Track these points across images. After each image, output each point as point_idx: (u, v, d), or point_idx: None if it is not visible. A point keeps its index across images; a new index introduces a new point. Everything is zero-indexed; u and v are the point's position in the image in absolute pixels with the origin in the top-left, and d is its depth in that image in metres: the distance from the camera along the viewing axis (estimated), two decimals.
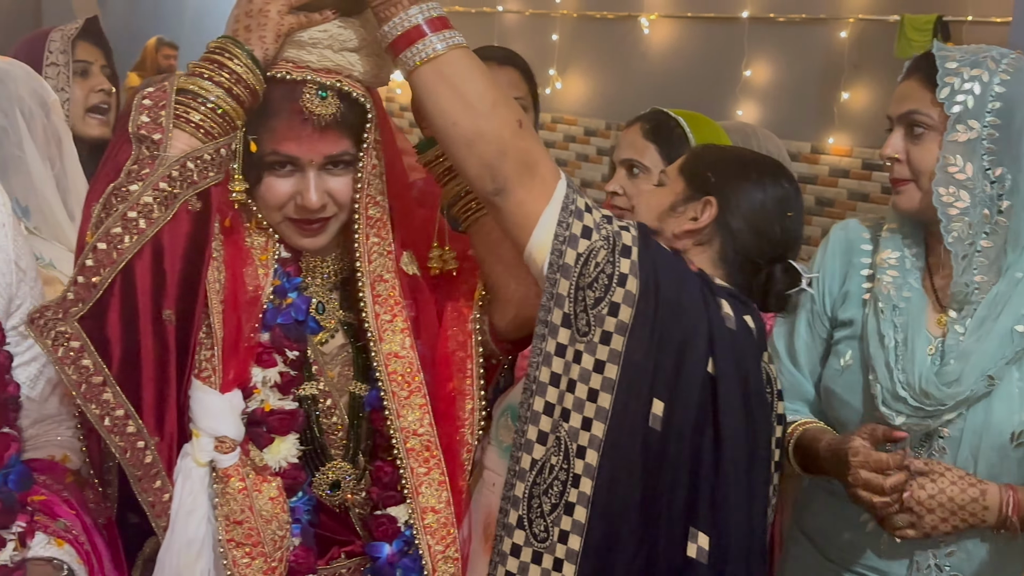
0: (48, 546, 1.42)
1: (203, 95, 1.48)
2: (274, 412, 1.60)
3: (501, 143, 1.48)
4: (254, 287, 1.60)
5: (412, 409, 1.66)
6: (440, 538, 1.66)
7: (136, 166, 1.44)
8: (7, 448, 1.39)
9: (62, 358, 1.38)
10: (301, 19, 1.53)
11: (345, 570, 1.74)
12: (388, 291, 1.67)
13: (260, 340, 1.61)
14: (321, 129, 1.56)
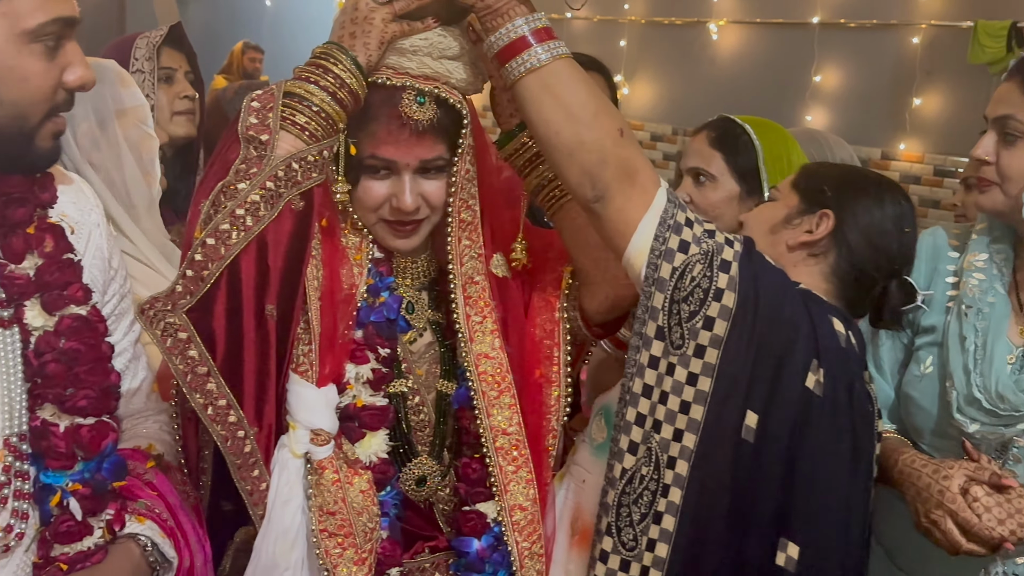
0: (131, 523, 1.45)
1: (308, 98, 1.50)
2: (366, 408, 1.62)
3: (602, 152, 1.48)
4: (350, 285, 1.62)
5: (502, 409, 1.67)
6: (527, 535, 1.67)
7: (244, 165, 1.46)
8: (105, 436, 1.41)
9: (170, 348, 1.40)
10: (404, 27, 1.55)
11: (428, 564, 1.76)
12: (479, 293, 1.69)
13: (354, 337, 1.63)
14: (418, 134, 1.57)
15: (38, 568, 1.37)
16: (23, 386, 1.37)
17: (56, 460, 1.37)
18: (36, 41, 1.23)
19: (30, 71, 1.23)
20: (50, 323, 1.37)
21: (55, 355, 1.36)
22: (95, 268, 1.49)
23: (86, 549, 1.38)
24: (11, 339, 1.37)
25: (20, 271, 1.35)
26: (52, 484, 1.37)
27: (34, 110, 1.26)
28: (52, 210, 1.42)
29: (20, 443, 1.36)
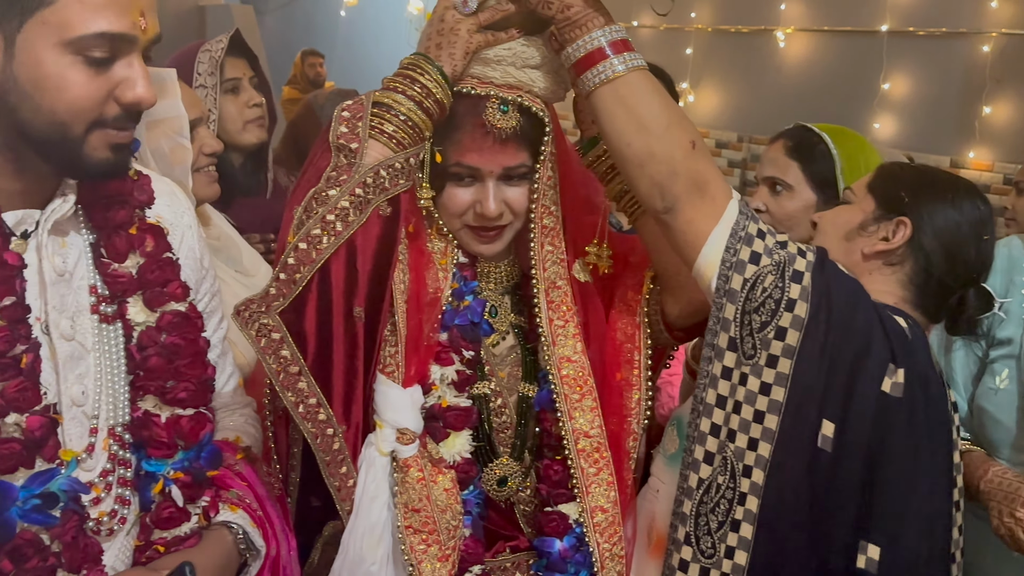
0: (224, 511, 1.48)
1: (396, 108, 1.53)
2: (450, 408, 1.64)
3: (672, 163, 1.48)
4: (435, 289, 1.64)
5: (583, 412, 1.68)
6: (608, 536, 1.68)
7: (335, 173, 1.49)
8: (203, 427, 1.44)
9: (264, 348, 1.44)
10: (488, 37, 1.56)
11: (509, 564, 1.76)
12: (561, 297, 1.69)
13: (439, 340, 1.65)
14: (502, 142, 1.59)
15: (139, 551, 1.40)
16: (126, 378, 1.41)
17: (158, 449, 1.40)
18: (78, 53, 1.22)
19: (69, 81, 1.22)
20: (151, 319, 1.41)
21: (157, 349, 1.40)
22: (188, 268, 1.52)
23: (183, 534, 1.42)
24: (115, 334, 1.40)
25: (123, 269, 1.39)
26: (154, 472, 1.41)
27: (75, 120, 1.24)
28: (149, 212, 1.46)
29: (123, 433, 1.40)
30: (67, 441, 1.34)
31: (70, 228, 1.38)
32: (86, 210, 1.39)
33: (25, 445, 1.25)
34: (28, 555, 1.25)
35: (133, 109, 1.26)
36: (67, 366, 1.35)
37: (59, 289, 1.35)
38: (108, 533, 1.37)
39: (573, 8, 1.50)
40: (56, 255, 1.35)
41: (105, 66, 1.23)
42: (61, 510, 1.28)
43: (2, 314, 1.25)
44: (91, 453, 1.37)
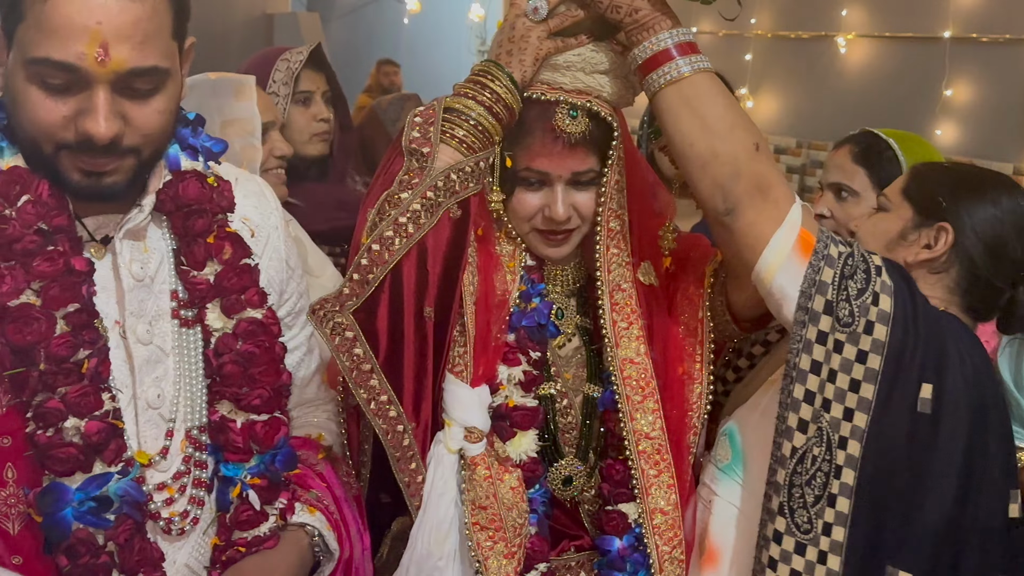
0: (302, 513, 1.49)
1: (467, 113, 1.55)
2: (517, 408, 1.65)
3: (735, 165, 1.47)
4: (503, 291, 1.65)
5: (645, 413, 1.68)
6: (668, 539, 1.67)
7: (407, 176, 1.52)
8: (277, 431, 1.46)
9: (338, 346, 1.47)
10: (558, 43, 1.57)
11: (574, 562, 1.77)
12: (625, 300, 1.69)
13: (506, 340, 1.67)
14: (571, 146, 1.60)
15: (220, 550, 1.43)
16: (203, 382, 1.43)
17: (234, 454, 1.42)
18: (35, 75, 1.21)
19: (31, 101, 1.22)
20: (228, 325, 1.42)
21: (232, 356, 1.41)
22: (272, 269, 1.54)
23: (262, 534, 1.44)
24: (194, 338, 1.43)
25: (202, 276, 1.41)
26: (232, 476, 1.42)
27: (43, 140, 1.24)
28: (233, 215, 1.47)
29: (200, 435, 1.42)
30: (142, 443, 1.37)
31: (153, 235, 1.41)
32: (168, 218, 1.41)
33: (82, 450, 1.27)
34: (81, 553, 1.27)
35: (85, 141, 1.23)
36: (143, 369, 1.37)
37: (137, 294, 1.38)
38: (179, 533, 1.40)
39: (641, 11, 1.51)
40: (135, 261, 1.37)
41: (61, 93, 1.22)
42: (115, 513, 1.29)
43: (67, 320, 1.27)
44: (165, 455, 1.39)
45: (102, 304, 1.33)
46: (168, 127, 1.32)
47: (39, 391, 1.25)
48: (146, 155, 1.30)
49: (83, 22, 1.17)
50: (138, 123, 1.25)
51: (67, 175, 1.26)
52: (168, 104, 1.29)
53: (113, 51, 1.19)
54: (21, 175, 1.28)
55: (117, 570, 1.30)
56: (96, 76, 1.20)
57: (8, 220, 1.26)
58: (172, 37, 1.27)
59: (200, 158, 1.46)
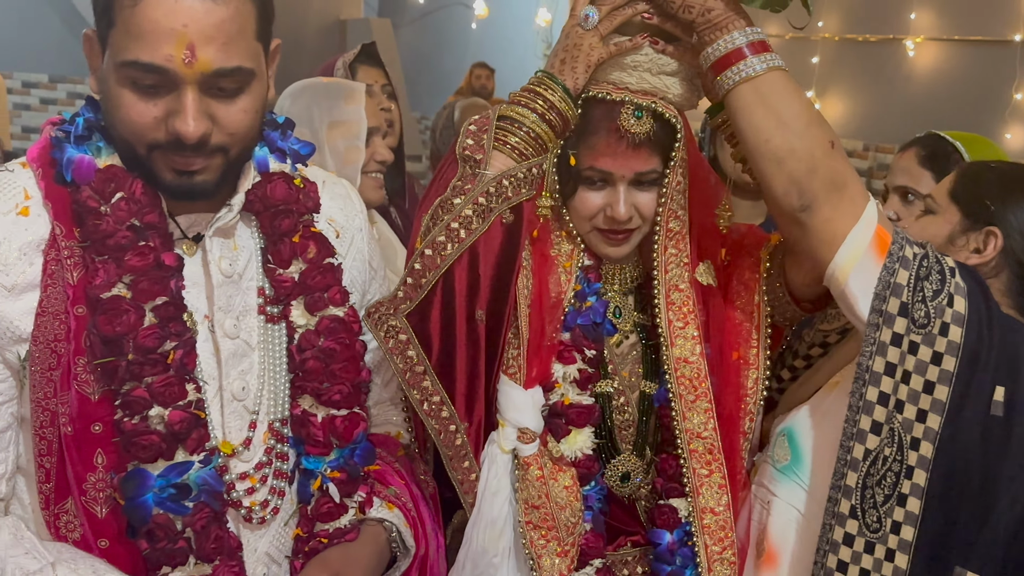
0: (381, 509, 1.52)
1: (520, 120, 1.57)
2: (573, 406, 1.65)
3: (812, 161, 1.46)
4: (557, 293, 1.66)
5: (697, 412, 1.66)
6: (718, 539, 1.66)
7: (460, 182, 1.54)
8: (356, 426, 1.48)
9: (392, 348, 1.49)
10: (610, 49, 1.57)
11: (631, 558, 1.77)
12: (682, 300, 1.68)
13: (562, 339, 1.67)
14: (635, 147, 1.59)
15: (302, 541, 1.46)
16: (286, 376, 1.46)
17: (315, 447, 1.45)
18: (125, 77, 1.24)
19: (124, 102, 1.25)
20: (311, 322, 1.45)
21: (314, 352, 1.44)
22: (355, 270, 1.57)
23: (342, 526, 1.46)
24: (279, 334, 1.46)
25: (287, 275, 1.44)
26: (312, 469, 1.45)
27: (136, 140, 1.28)
28: (318, 216, 1.50)
29: (282, 427, 1.45)
30: (227, 433, 1.40)
31: (242, 233, 1.44)
32: (257, 217, 1.44)
33: (164, 437, 1.30)
34: (160, 538, 1.31)
35: (175, 141, 1.26)
36: (230, 362, 1.40)
37: (226, 290, 1.41)
38: (260, 522, 1.42)
39: (714, 11, 1.50)
40: (224, 258, 1.41)
41: (152, 95, 1.25)
42: (194, 501, 1.32)
43: (155, 312, 1.31)
44: (248, 446, 1.42)
45: (192, 299, 1.37)
46: (254, 126, 1.34)
47: (127, 380, 1.29)
48: (234, 154, 1.33)
49: (170, 25, 1.20)
50: (225, 122, 1.28)
51: (160, 174, 1.30)
52: (254, 103, 1.31)
53: (199, 52, 1.21)
54: (116, 173, 1.32)
55: (194, 556, 1.33)
56: (184, 77, 1.23)
57: (103, 216, 1.30)
58: (256, 38, 1.30)
59: (288, 160, 1.49)
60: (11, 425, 1.33)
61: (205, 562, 1.33)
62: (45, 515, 1.33)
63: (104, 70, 1.28)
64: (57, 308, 1.29)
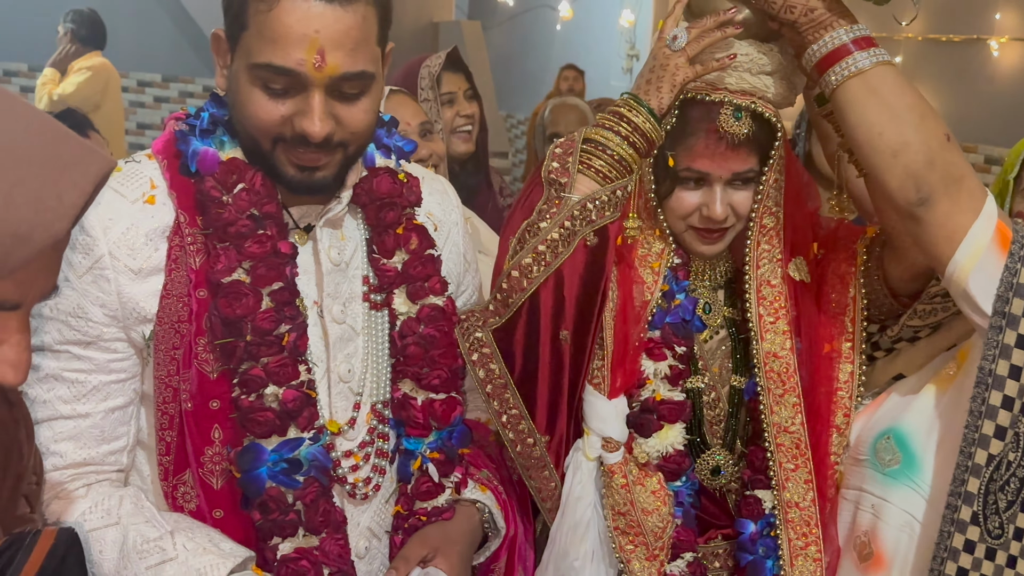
0: (474, 490, 1.53)
1: (605, 143, 1.54)
2: (664, 402, 1.63)
3: (929, 153, 1.40)
4: (641, 304, 1.63)
5: (785, 407, 1.63)
6: (801, 534, 1.62)
7: (546, 206, 1.54)
8: (454, 410, 1.49)
9: (475, 361, 1.49)
10: (696, 69, 1.54)
11: (721, 550, 1.74)
12: (774, 295, 1.65)
13: (651, 337, 1.64)
14: (733, 147, 1.56)
15: (402, 518, 1.48)
16: (388, 361, 1.48)
17: (415, 429, 1.46)
18: (256, 79, 1.26)
19: (253, 101, 1.27)
20: (412, 310, 1.46)
21: (415, 338, 1.45)
22: (451, 262, 1.57)
23: (439, 505, 1.48)
24: (382, 320, 1.47)
25: (390, 264, 1.45)
26: (413, 450, 1.47)
27: (262, 136, 1.30)
28: (419, 210, 1.51)
29: (383, 409, 1.47)
30: (333, 412, 1.42)
31: (349, 224, 1.46)
32: (363, 210, 1.46)
33: (279, 415, 1.32)
34: (272, 509, 1.33)
35: (300, 138, 1.28)
36: (337, 346, 1.42)
37: (334, 277, 1.43)
38: (363, 498, 1.44)
39: (816, 10, 1.46)
40: (333, 247, 1.43)
41: (281, 95, 1.27)
42: (304, 475, 1.34)
43: (272, 296, 1.33)
44: (353, 425, 1.44)
45: (303, 285, 1.39)
46: (372, 126, 1.36)
47: (244, 360, 1.32)
48: (352, 151, 1.35)
49: (302, 31, 1.22)
50: (347, 122, 1.30)
51: (283, 169, 1.32)
52: (372, 105, 1.33)
53: (328, 57, 1.23)
54: (238, 166, 1.34)
55: (303, 528, 1.35)
56: (312, 80, 1.25)
57: (225, 205, 1.32)
58: (377, 44, 1.32)
59: (392, 156, 1.51)
60: (133, 400, 1.36)
61: (313, 534, 1.35)
62: (164, 486, 1.36)
63: (233, 69, 1.31)
64: (180, 291, 1.32)
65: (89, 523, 1.29)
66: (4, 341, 0.82)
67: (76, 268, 1.29)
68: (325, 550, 1.35)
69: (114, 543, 1.28)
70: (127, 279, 1.30)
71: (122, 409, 1.35)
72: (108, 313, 1.30)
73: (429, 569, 1.38)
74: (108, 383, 1.32)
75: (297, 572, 1.32)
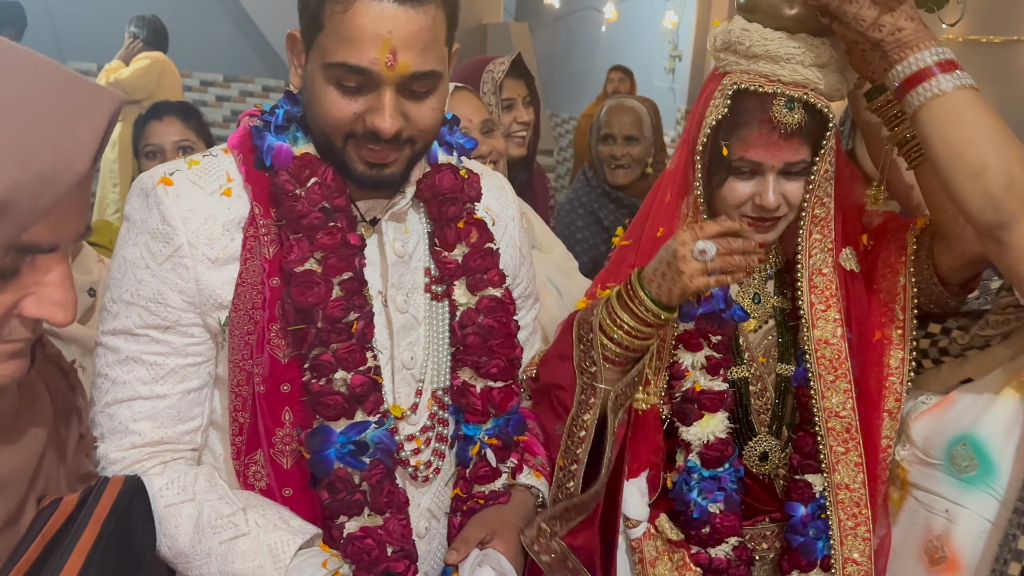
0: (529, 476, 1.54)
1: (614, 335, 1.55)
2: (704, 392, 1.63)
3: (1009, 176, 1.37)
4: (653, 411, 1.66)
5: (836, 392, 1.61)
6: (851, 515, 1.62)
7: (583, 396, 1.57)
8: (511, 399, 1.50)
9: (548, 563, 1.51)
10: (709, 282, 1.51)
11: (769, 532, 1.74)
12: (825, 283, 1.63)
13: (686, 328, 1.65)
14: (786, 137, 1.55)
15: (460, 500, 1.49)
16: (448, 350, 1.49)
17: (474, 415, 1.47)
18: (331, 77, 1.27)
19: (327, 99, 1.28)
20: (472, 301, 1.47)
21: (475, 328, 1.46)
22: (508, 255, 1.57)
23: (496, 489, 1.49)
24: (442, 310, 1.48)
25: (451, 257, 1.46)
26: (471, 435, 1.48)
27: (334, 133, 1.31)
28: (479, 205, 1.52)
29: (444, 396, 1.48)
30: (397, 398, 1.43)
31: (412, 218, 1.47)
32: (425, 204, 1.47)
33: (347, 399, 1.33)
34: (339, 489, 1.34)
35: (371, 135, 1.29)
36: (400, 334, 1.44)
37: (398, 269, 1.44)
38: (424, 480, 1.46)
39: (904, 31, 1.44)
40: (397, 240, 1.44)
41: (354, 93, 1.28)
42: (370, 457, 1.35)
43: (341, 286, 1.34)
44: (415, 411, 1.45)
45: (369, 276, 1.40)
46: (438, 124, 1.37)
47: (315, 346, 1.33)
48: (419, 148, 1.36)
49: (376, 31, 1.23)
50: (416, 119, 1.31)
51: (353, 165, 1.33)
52: (439, 103, 1.34)
53: (400, 57, 1.24)
54: (311, 160, 1.36)
55: (368, 508, 1.36)
56: (384, 79, 1.26)
57: (298, 198, 1.34)
58: (445, 44, 1.33)
59: (454, 153, 1.51)
60: (207, 383, 1.39)
61: (378, 514, 1.36)
62: (236, 464, 1.38)
63: (308, 68, 1.32)
64: (254, 279, 1.33)
65: (165, 499, 1.32)
66: (48, 283, 0.84)
67: (156, 256, 1.31)
68: (389, 529, 1.36)
69: (189, 518, 1.31)
70: (204, 267, 1.32)
71: (197, 391, 1.37)
72: (186, 299, 1.32)
73: (488, 550, 1.39)
74: (185, 366, 1.35)
75: (362, 550, 1.34)
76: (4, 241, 0.78)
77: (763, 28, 1.56)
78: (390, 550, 1.36)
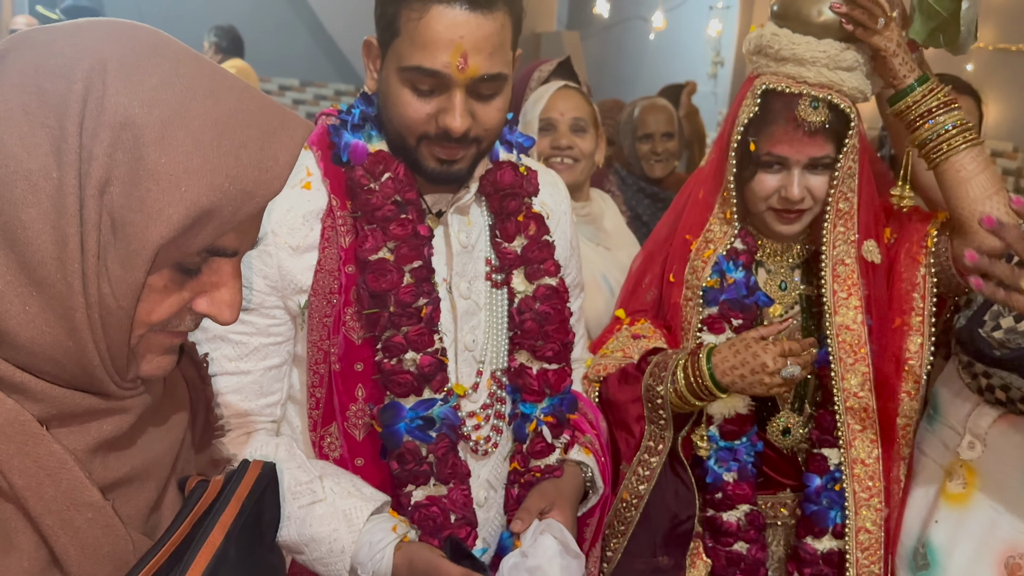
0: (579, 452, 1.54)
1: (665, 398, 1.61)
2: None
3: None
4: None
5: (855, 375, 1.63)
6: (866, 487, 1.65)
7: (652, 443, 1.62)
8: (564, 380, 1.50)
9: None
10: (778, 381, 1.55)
11: (789, 500, 1.77)
12: (847, 273, 1.65)
13: (709, 313, 1.67)
14: (810, 134, 1.57)
15: (518, 474, 1.49)
16: (507, 334, 1.49)
17: (531, 395, 1.47)
18: (406, 80, 1.27)
19: (402, 101, 1.28)
20: (529, 290, 1.47)
21: (531, 315, 1.46)
22: (560, 247, 1.57)
23: (551, 463, 1.49)
24: (501, 297, 1.48)
25: (511, 248, 1.46)
26: (528, 414, 1.48)
27: (408, 132, 1.31)
28: (535, 200, 1.51)
29: (502, 377, 1.49)
30: (459, 378, 1.44)
31: (475, 211, 1.47)
32: (487, 199, 1.47)
33: (416, 377, 1.35)
34: (408, 460, 1.35)
35: (443, 134, 1.29)
36: (463, 319, 1.44)
37: (462, 258, 1.44)
38: (483, 454, 1.46)
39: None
40: (461, 231, 1.44)
41: (427, 95, 1.27)
42: (436, 432, 1.36)
43: (412, 274, 1.35)
44: (476, 389, 1.46)
45: (436, 264, 1.41)
46: (503, 123, 1.37)
47: (388, 328, 1.34)
48: (484, 146, 1.36)
49: (449, 37, 1.23)
50: (483, 119, 1.31)
51: (424, 162, 1.34)
52: (504, 104, 1.34)
53: (471, 60, 1.24)
54: (385, 157, 1.36)
55: (434, 478, 1.37)
56: (455, 81, 1.26)
57: (373, 192, 1.35)
58: (510, 48, 1.32)
59: (514, 151, 1.52)
60: (287, 361, 1.40)
61: (442, 484, 1.37)
62: (312, 436, 1.40)
63: (384, 72, 1.33)
64: (331, 267, 1.35)
65: None
66: (224, 284, 0.84)
67: None
68: (452, 498, 1.37)
69: None
70: (286, 254, 1.33)
71: (277, 368, 1.39)
72: (269, 284, 1.33)
73: (548, 519, 1.39)
74: (267, 345, 1.36)
75: (428, 516, 1.35)
76: (202, 244, 0.79)
77: (792, 33, 1.58)
78: (453, 517, 1.37)
